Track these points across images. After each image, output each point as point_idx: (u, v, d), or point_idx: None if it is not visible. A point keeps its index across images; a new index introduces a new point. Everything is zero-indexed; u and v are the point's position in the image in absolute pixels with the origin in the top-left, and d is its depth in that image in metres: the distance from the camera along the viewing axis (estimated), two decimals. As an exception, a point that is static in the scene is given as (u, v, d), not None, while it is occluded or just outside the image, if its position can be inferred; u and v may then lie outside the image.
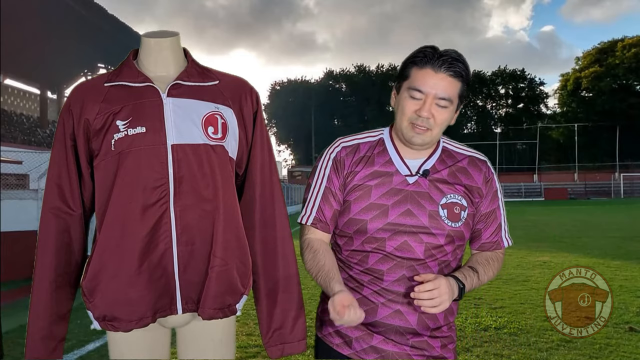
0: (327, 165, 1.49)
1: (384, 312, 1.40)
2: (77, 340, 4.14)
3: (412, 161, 1.45)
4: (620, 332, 4.20)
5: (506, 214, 1.55)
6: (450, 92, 1.37)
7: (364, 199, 1.43)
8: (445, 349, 1.46)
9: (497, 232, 1.52)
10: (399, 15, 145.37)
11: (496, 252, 1.54)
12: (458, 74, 1.37)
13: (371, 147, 1.49)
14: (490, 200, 1.49)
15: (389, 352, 1.41)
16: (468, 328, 4.40)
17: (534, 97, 60.49)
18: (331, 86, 61.28)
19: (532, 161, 50.88)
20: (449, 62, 1.36)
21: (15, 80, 29.65)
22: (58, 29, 21.00)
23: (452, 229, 1.41)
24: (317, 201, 1.48)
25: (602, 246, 9.96)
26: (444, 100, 1.37)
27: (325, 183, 1.48)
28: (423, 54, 1.38)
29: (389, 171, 1.44)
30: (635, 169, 46.17)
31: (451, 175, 1.46)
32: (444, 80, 1.36)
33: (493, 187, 1.50)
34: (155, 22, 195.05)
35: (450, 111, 1.40)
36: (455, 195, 1.43)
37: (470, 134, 58.57)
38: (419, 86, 1.37)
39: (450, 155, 1.49)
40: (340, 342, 1.47)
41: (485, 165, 1.51)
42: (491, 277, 1.51)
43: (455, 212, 1.42)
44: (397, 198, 1.41)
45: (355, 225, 1.43)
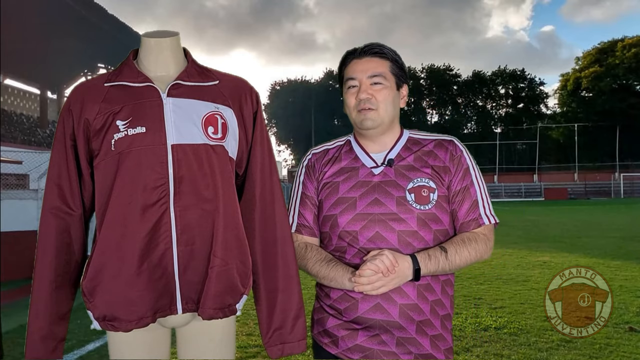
0: (301, 174, 1.59)
1: (364, 307, 1.41)
2: (77, 340, 4.14)
3: (377, 154, 1.51)
4: (620, 332, 4.20)
5: (487, 191, 1.51)
6: (379, 69, 1.48)
7: (333, 195, 1.48)
8: (436, 349, 1.42)
9: (474, 209, 1.47)
10: (399, 15, 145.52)
11: (475, 232, 1.46)
12: (380, 53, 1.50)
13: (339, 149, 1.57)
14: (462, 177, 1.47)
15: (373, 350, 1.40)
16: (468, 328, 4.40)
17: (534, 97, 60.42)
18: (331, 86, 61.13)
19: (532, 161, 50.84)
20: (368, 47, 1.50)
21: (15, 80, 29.63)
22: (58, 29, 20.98)
23: (422, 211, 1.41)
24: (296, 208, 1.56)
25: (602, 246, 9.96)
26: (375, 77, 1.47)
27: (301, 189, 1.56)
28: (346, 54, 1.54)
29: (355, 166, 1.50)
30: (635, 169, 46.15)
31: (417, 159, 1.48)
32: (370, 61, 1.49)
33: (463, 164, 1.48)
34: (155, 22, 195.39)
35: (388, 88, 1.48)
36: (422, 179, 1.44)
37: (470, 134, 58.50)
38: (351, 74, 1.50)
39: (416, 142, 1.52)
40: (328, 341, 1.48)
41: (452, 143, 1.51)
42: (468, 258, 1.42)
43: (424, 194, 1.43)
44: (364, 189, 1.45)
45: (329, 221, 1.48)
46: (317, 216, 1.54)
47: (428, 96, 61.80)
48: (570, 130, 52.62)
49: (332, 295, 1.48)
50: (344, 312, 1.45)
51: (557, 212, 22.19)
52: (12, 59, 20.49)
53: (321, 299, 1.53)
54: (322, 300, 1.52)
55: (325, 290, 1.51)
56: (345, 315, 1.44)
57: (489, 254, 1.48)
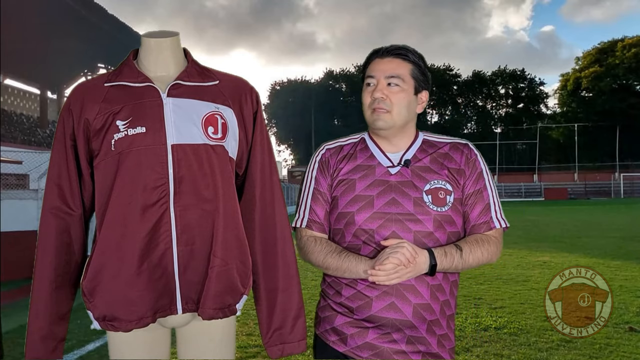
0: (313, 168, 1.56)
1: (378, 306, 1.41)
2: (77, 340, 4.14)
3: (393, 154, 1.50)
4: (620, 332, 4.20)
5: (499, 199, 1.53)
6: (398, 71, 1.47)
7: (349, 192, 1.47)
8: (442, 348, 1.45)
9: (486, 213, 1.49)
10: (399, 15, 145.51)
11: (487, 235, 1.48)
12: (403, 55, 1.49)
13: (354, 146, 1.56)
14: (475, 181, 1.49)
15: (383, 348, 1.41)
16: (468, 328, 4.40)
17: (534, 97, 60.45)
18: (331, 86, 61.25)
19: (532, 161, 50.86)
20: (394, 48, 1.50)
21: (15, 80, 29.62)
22: (58, 29, 20.98)
23: (438, 213, 1.42)
24: (308, 203, 1.53)
25: (602, 246, 9.96)
26: (393, 79, 1.46)
27: (314, 185, 1.54)
28: (371, 53, 1.53)
29: (371, 164, 1.49)
30: (635, 169, 46.15)
31: (433, 161, 1.49)
32: (391, 62, 1.48)
33: (477, 167, 1.50)
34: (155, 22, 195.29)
35: (405, 91, 1.47)
36: (439, 181, 1.45)
37: (471, 134, 58.53)
38: (370, 72, 1.50)
39: (431, 145, 1.53)
40: (336, 339, 1.47)
41: (467, 147, 1.53)
42: (480, 258, 1.44)
43: (440, 197, 1.44)
44: (381, 188, 1.45)
45: (344, 218, 1.47)
46: (328, 212, 1.53)
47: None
48: (570, 130, 52.64)
49: (344, 293, 1.47)
50: (356, 310, 1.44)
51: (557, 212, 22.20)
52: (12, 59, 20.48)
53: (329, 297, 1.52)
54: (331, 298, 1.51)
55: (335, 288, 1.50)
56: (357, 313, 1.44)
57: (498, 257, 1.50)
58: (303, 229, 1.53)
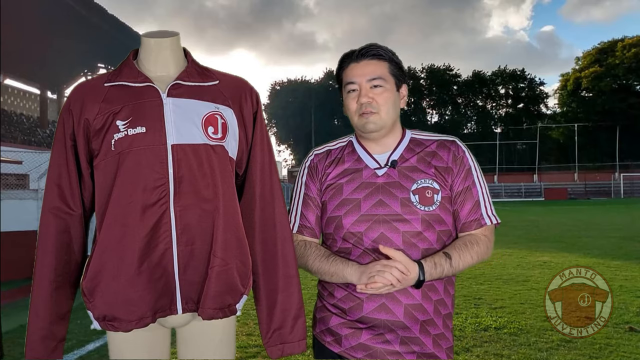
0: (303, 174, 1.58)
1: (369, 307, 1.42)
2: (77, 340, 4.14)
3: (380, 155, 1.51)
4: (620, 332, 4.20)
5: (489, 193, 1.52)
6: (378, 71, 1.47)
7: (337, 196, 1.48)
8: (438, 348, 1.44)
9: (476, 210, 1.47)
10: (399, 15, 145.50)
11: (476, 235, 1.47)
12: (378, 55, 1.49)
13: (341, 150, 1.57)
14: (464, 178, 1.48)
15: (377, 349, 1.41)
16: (468, 328, 4.40)
17: (534, 97, 60.41)
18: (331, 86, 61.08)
19: (532, 161, 50.83)
20: (365, 49, 1.49)
21: (15, 80, 29.63)
22: (58, 29, 20.98)
23: (426, 212, 1.42)
24: (299, 209, 1.56)
25: (602, 246, 9.96)
26: (375, 80, 1.47)
27: (304, 190, 1.56)
28: (344, 57, 1.53)
29: (358, 167, 1.50)
30: (635, 169, 46.14)
31: (420, 161, 1.48)
32: (368, 64, 1.48)
33: (465, 164, 1.49)
34: (155, 22, 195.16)
35: (389, 91, 1.48)
36: (425, 180, 1.45)
37: (471, 134, 58.50)
38: (350, 79, 1.49)
39: (418, 144, 1.53)
40: (331, 339, 1.48)
41: (454, 144, 1.52)
42: (470, 261, 1.43)
43: (428, 196, 1.43)
44: (368, 191, 1.45)
45: (333, 222, 1.48)
46: (319, 217, 1.54)
47: (428, 96, 61.82)
48: (570, 130, 52.61)
49: (337, 295, 1.48)
50: (348, 311, 1.45)
51: (557, 212, 22.19)
52: (12, 59, 20.51)
53: (324, 298, 1.53)
54: (326, 299, 1.52)
55: (328, 290, 1.51)
56: (350, 314, 1.45)
57: (489, 255, 1.50)
58: (294, 234, 1.55)
